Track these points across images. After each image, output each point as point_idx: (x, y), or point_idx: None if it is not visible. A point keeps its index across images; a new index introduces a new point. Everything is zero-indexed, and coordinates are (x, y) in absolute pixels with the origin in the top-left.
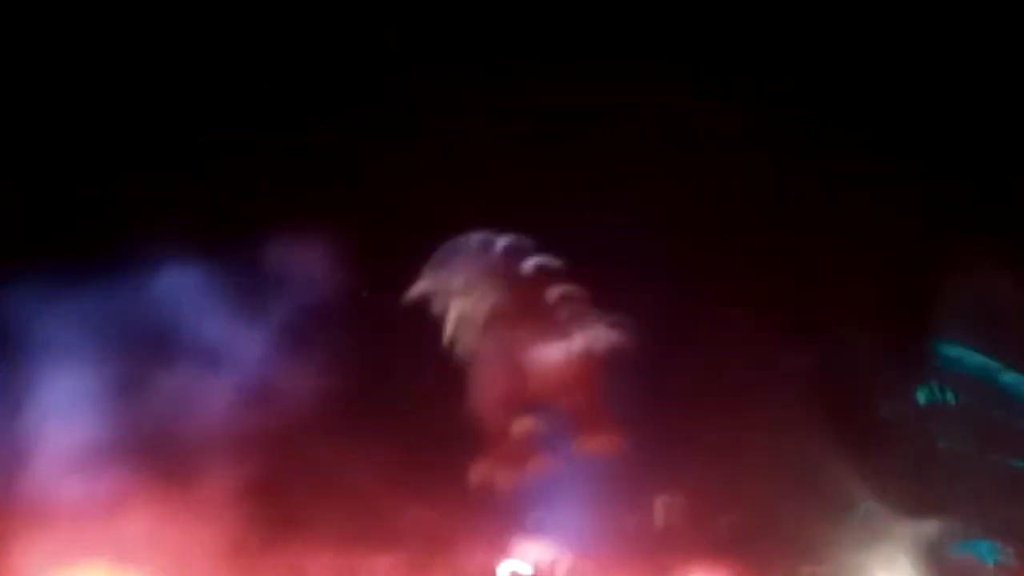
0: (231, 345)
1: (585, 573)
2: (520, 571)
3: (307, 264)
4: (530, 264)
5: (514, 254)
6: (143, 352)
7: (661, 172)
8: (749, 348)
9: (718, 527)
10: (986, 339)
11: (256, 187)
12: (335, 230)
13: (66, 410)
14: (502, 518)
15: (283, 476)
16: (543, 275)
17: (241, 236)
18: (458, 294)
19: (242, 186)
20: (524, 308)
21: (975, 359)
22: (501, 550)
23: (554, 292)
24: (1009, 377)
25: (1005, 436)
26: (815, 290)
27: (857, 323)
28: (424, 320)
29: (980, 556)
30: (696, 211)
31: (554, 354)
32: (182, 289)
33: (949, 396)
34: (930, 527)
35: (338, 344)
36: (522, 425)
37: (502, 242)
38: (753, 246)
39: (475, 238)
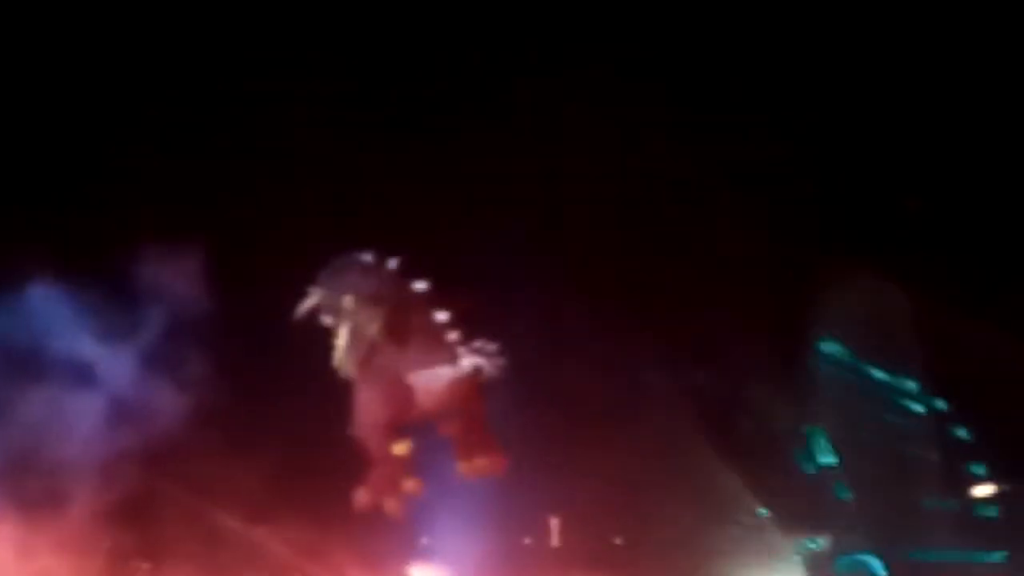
0: (98, 365)
1: None
2: None
3: (178, 280)
4: (416, 287)
5: (401, 276)
6: (5, 374)
7: (545, 196)
8: (633, 366)
9: (609, 546)
10: (868, 348)
11: (122, 202)
12: (206, 246)
13: None
14: (391, 543)
15: (155, 500)
16: (429, 298)
17: (109, 253)
18: (345, 314)
19: (108, 201)
20: (409, 331)
21: (857, 366)
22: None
23: (439, 316)
24: (904, 383)
25: (889, 442)
26: (695, 305)
27: (738, 336)
28: (303, 339)
29: (867, 569)
30: (577, 234)
31: (439, 377)
32: (46, 308)
33: (834, 403)
34: (821, 540)
35: (211, 363)
36: (405, 448)
37: (390, 263)
38: (634, 266)
39: (362, 258)
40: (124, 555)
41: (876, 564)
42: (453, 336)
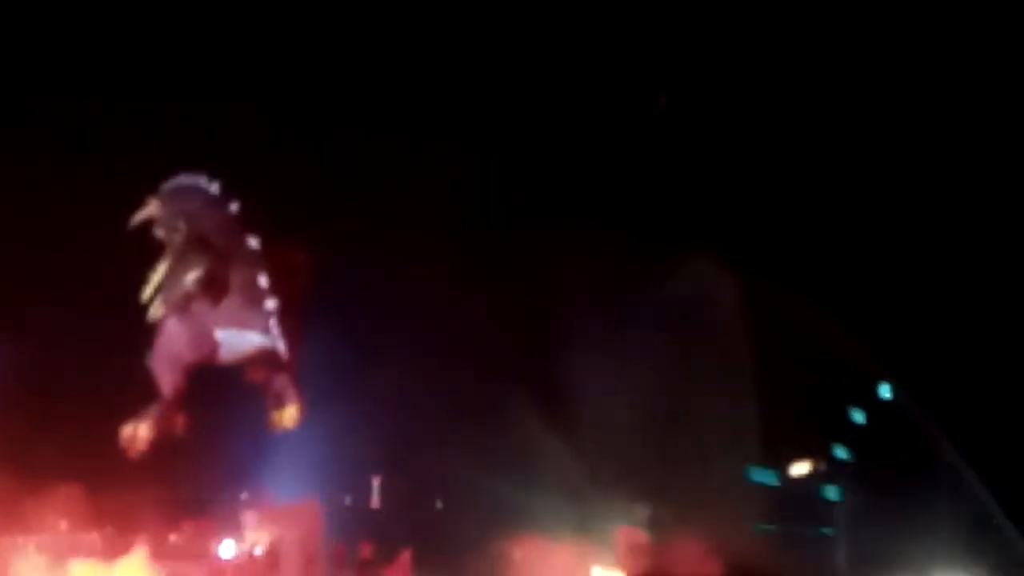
0: None
1: (303, 552)
2: (240, 550)
3: None
4: (250, 241)
5: (238, 223)
6: None
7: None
8: (465, 331)
9: (431, 509)
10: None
11: None
12: None
13: None
14: (208, 494)
15: None
16: (257, 256)
17: None
18: (175, 239)
19: None
20: (227, 288)
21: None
22: (214, 529)
23: (262, 279)
24: None
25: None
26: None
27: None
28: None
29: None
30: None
31: (244, 340)
32: None
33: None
34: (643, 510)
35: None
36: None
37: (233, 205)
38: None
39: (208, 185)
40: None
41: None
42: (270, 304)
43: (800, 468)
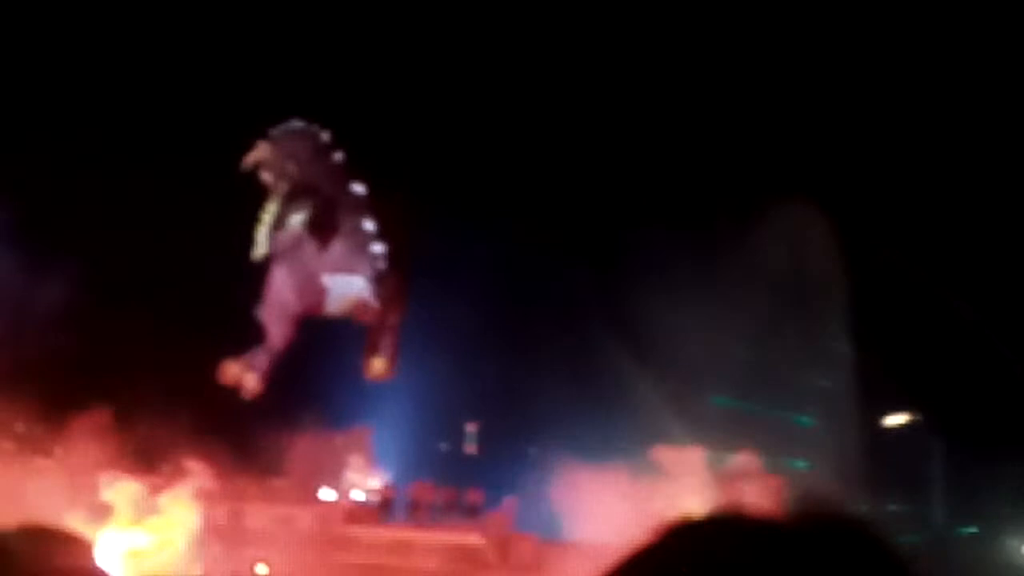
0: None
1: (410, 500)
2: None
3: None
4: (355, 188)
5: (344, 172)
6: None
7: None
8: (558, 280)
9: (525, 455)
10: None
11: None
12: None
13: None
14: (314, 442)
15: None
16: (364, 203)
17: None
18: (282, 182)
19: None
20: (335, 232)
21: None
22: (318, 475)
23: (368, 224)
24: None
25: None
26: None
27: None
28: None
29: None
30: None
31: (350, 285)
32: None
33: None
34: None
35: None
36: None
37: (338, 155)
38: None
39: (319, 132)
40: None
41: None
42: (377, 248)
43: (895, 418)
